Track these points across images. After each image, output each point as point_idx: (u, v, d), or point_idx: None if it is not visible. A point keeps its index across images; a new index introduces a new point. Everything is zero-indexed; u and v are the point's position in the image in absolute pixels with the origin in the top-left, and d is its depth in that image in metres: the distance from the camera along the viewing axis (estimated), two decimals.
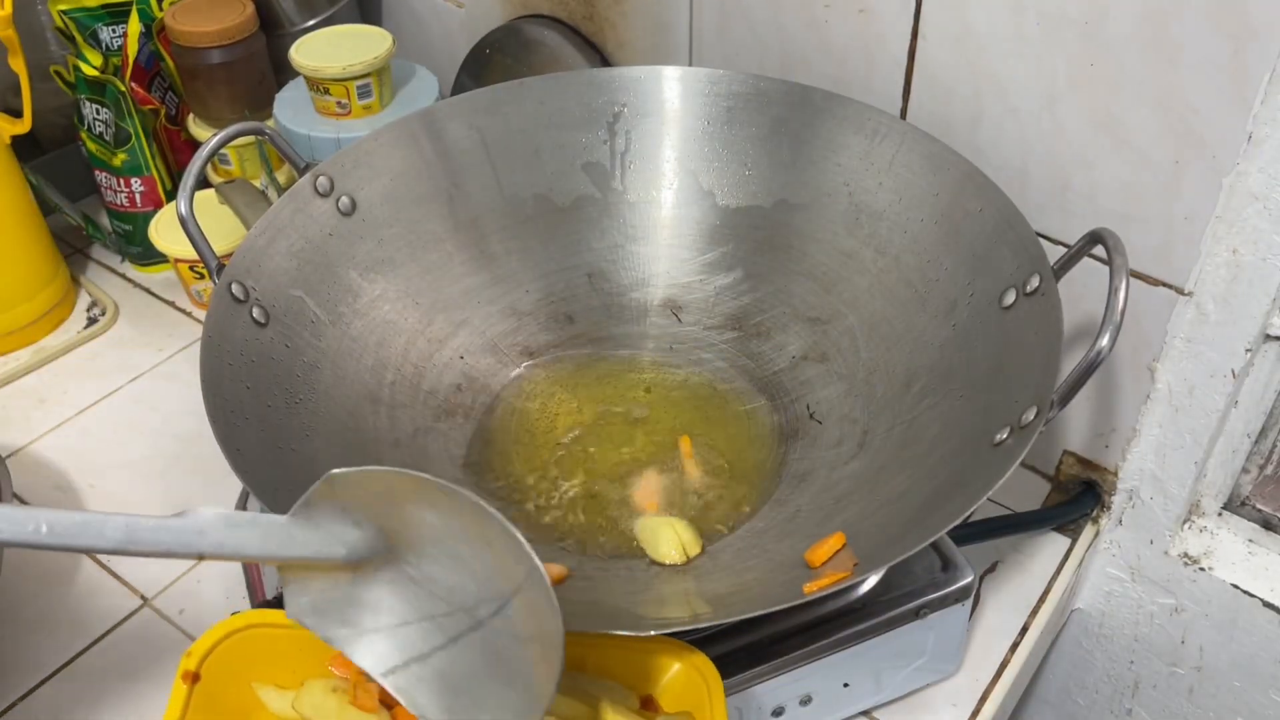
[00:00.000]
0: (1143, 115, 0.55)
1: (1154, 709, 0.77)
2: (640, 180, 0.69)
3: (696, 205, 0.68)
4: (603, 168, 0.69)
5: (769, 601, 0.45)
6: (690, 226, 0.69)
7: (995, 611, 0.65)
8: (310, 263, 0.61)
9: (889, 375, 0.60)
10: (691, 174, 0.68)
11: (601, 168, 0.69)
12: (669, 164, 0.69)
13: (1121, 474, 0.68)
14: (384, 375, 0.62)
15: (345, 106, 0.78)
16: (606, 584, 0.54)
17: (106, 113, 0.84)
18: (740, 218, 0.68)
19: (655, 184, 0.69)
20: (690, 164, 0.68)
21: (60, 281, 0.87)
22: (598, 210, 0.69)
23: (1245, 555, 0.68)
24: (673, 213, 0.69)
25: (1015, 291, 0.54)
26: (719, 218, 0.68)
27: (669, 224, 0.69)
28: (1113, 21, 0.54)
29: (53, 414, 0.79)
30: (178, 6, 0.83)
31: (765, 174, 0.67)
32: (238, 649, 0.46)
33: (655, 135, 0.69)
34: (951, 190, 0.60)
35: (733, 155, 0.68)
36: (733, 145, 0.68)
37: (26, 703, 0.61)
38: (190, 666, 0.44)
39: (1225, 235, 0.57)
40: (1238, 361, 0.60)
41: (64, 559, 0.69)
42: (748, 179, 0.67)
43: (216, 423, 0.49)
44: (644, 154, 0.69)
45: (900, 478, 0.54)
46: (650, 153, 0.69)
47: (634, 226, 0.69)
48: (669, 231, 0.69)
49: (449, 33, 0.89)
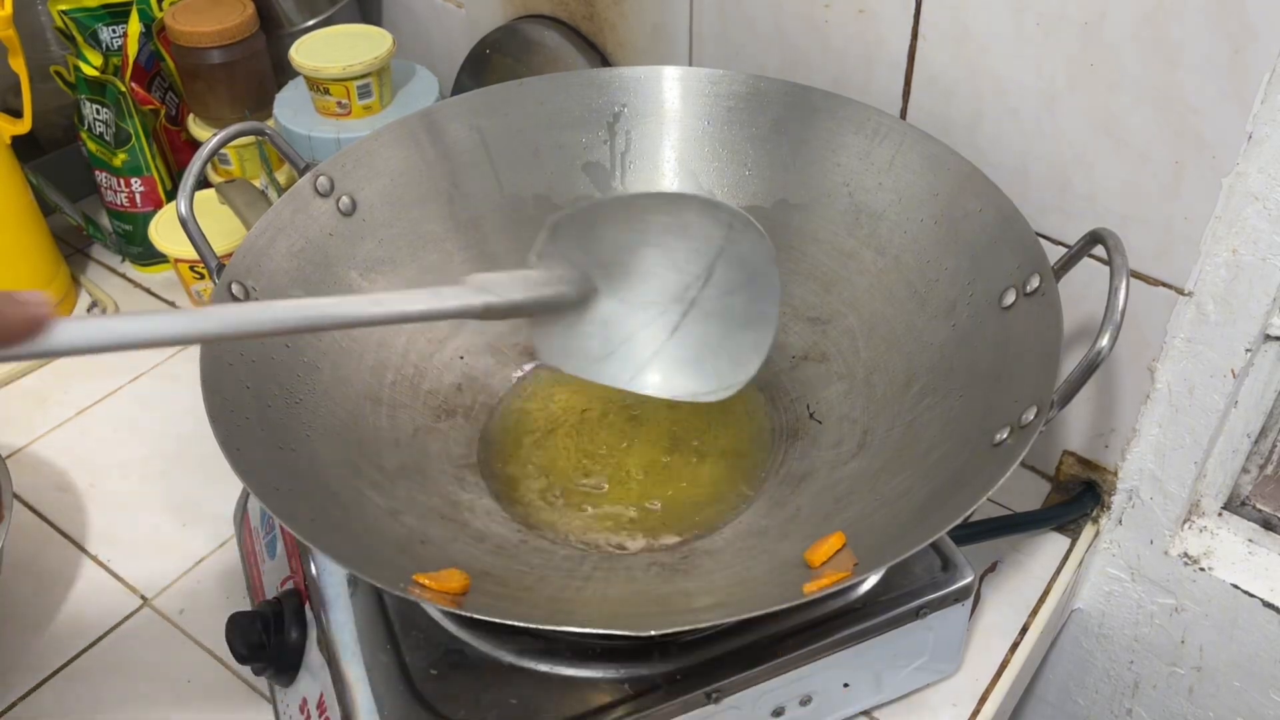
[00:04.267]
0: (1143, 115, 0.55)
1: (1154, 709, 0.77)
2: (640, 180, 0.69)
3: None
4: (603, 168, 0.69)
5: (769, 601, 0.45)
6: None
7: (995, 611, 0.65)
8: (310, 263, 0.61)
9: (889, 375, 0.60)
10: (691, 174, 0.68)
11: (601, 168, 0.69)
12: (669, 164, 0.69)
13: (1121, 474, 0.68)
14: (384, 375, 0.62)
15: (345, 106, 0.78)
16: (606, 583, 0.54)
17: (107, 113, 0.84)
18: None
19: (655, 184, 0.69)
20: (690, 164, 0.68)
21: (60, 281, 0.87)
22: None
23: (1245, 555, 0.68)
24: None
25: (1015, 291, 0.54)
26: None
27: None
28: (1113, 22, 0.54)
29: (53, 414, 0.79)
30: (178, 6, 0.83)
31: (765, 174, 0.67)
32: None
33: (655, 135, 0.69)
34: (951, 190, 0.60)
35: (733, 155, 0.68)
36: (733, 145, 0.68)
37: (26, 703, 0.61)
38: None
39: (1225, 235, 0.57)
40: (1238, 361, 0.60)
41: (63, 559, 0.69)
42: (748, 179, 0.67)
43: (216, 423, 0.49)
44: (644, 154, 0.69)
45: (900, 478, 0.54)
46: (650, 153, 0.69)
47: None
48: None
49: (449, 33, 0.89)
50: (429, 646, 0.52)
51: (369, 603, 0.54)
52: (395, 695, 0.50)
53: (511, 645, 0.52)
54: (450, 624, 0.53)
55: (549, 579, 0.53)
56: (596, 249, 0.45)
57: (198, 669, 0.63)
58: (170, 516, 0.72)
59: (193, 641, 0.64)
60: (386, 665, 0.51)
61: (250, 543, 0.65)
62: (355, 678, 0.51)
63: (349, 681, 0.51)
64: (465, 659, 0.52)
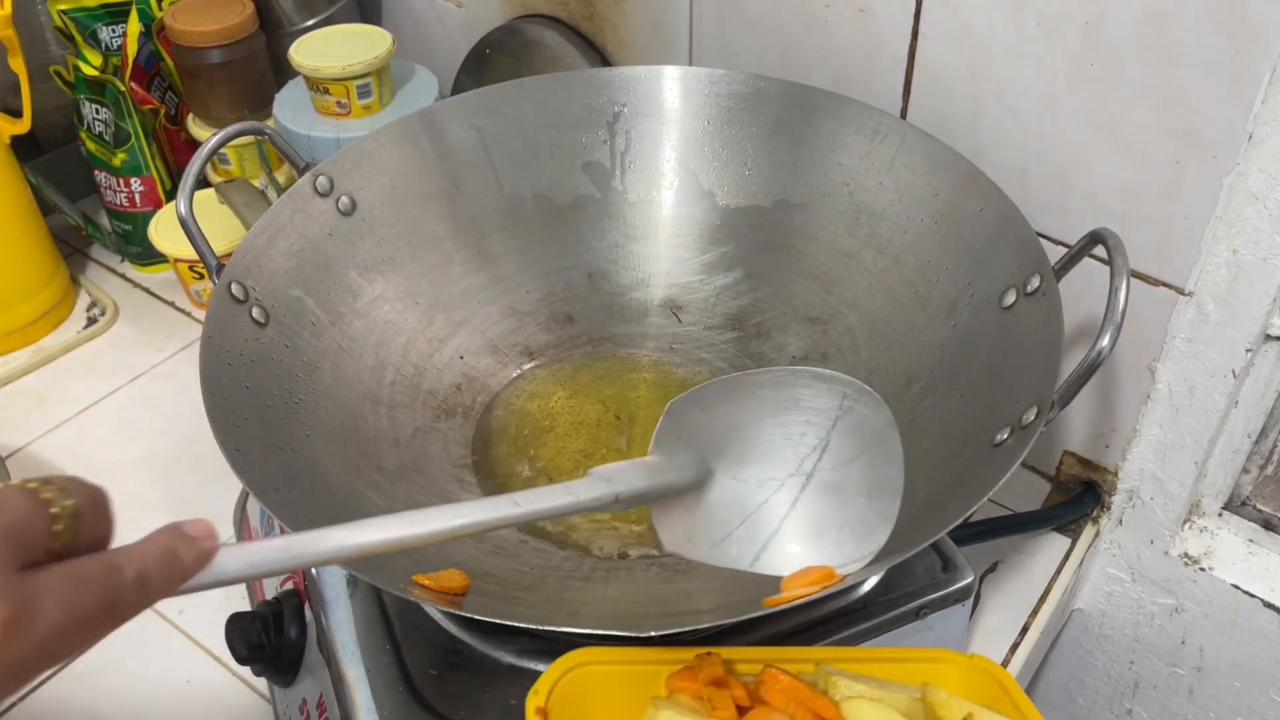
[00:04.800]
0: (1143, 115, 0.55)
1: (1154, 709, 0.77)
2: (640, 180, 0.69)
3: (696, 205, 0.68)
4: (603, 167, 0.69)
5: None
6: (690, 226, 0.69)
7: (995, 612, 0.65)
8: (310, 263, 0.61)
9: (889, 375, 0.60)
10: (691, 174, 0.68)
11: (601, 167, 0.69)
12: (669, 164, 0.69)
13: (1122, 474, 0.68)
14: (384, 375, 0.62)
15: (345, 106, 0.78)
16: (606, 584, 0.54)
17: (106, 112, 0.84)
18: (740, 218, 0.68)
19: (655, 184, 0.69)
20: (690, 164, 0.68)
21: (60, 281, 0.87)
22: (598, 210, 0.69)
23: (1245, 555, 0.68)
24: (673, 213, 0.69)
25: (1016, 291, 0.54)
26: (719, 217, 0.68)
27: (669, 224, 0.69)
28: (1113, 21, 0.54)
29: (52, 414, 0.79)
30: (177, 6, 0.83)
31: (765, 174, 0.67)
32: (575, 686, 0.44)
33: (655, 135, 0.68)
34: (952, 190, 0.60)
35: (733, 155, 0.68)
36: (733, 145, 0.68)
37: (26, 703, 0.61)
38: (540, 703, 0.43)
39: (1226, 235, 0.57)
40: (1238, 361, 0.60)
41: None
42: (748, 179, 0.67)
43: (216, 422, 0.49)
44: (644, 154, 0.69)
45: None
46: (650, 152, 0.69)
47: (634, 226, 0.69)
48: (669, 231, 0.69)
49: (449, 33, 0.89)
50: (429, 647, 0.52)
51: (369, 603, 0.54)
52: (395, 696, 0.50)
53: (511, 645, 0.52)
54: (450, 624, 0.53)
55: (549, 579, 0.53)
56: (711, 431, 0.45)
57: (198, 669, 0.63)
58: (169, 516, 0.70)
59: (193, 642, 0.64)
60: (386, 666, 0.51)
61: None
62: (355, 678, 0.51)
63: (349, 682, 0.51)
64: (465, 659, 0.52)
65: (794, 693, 0.42)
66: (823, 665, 0.45)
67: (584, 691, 0.44)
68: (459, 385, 0.64)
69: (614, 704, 0.45)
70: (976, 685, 0.46)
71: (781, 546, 0.45)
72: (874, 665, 0.46)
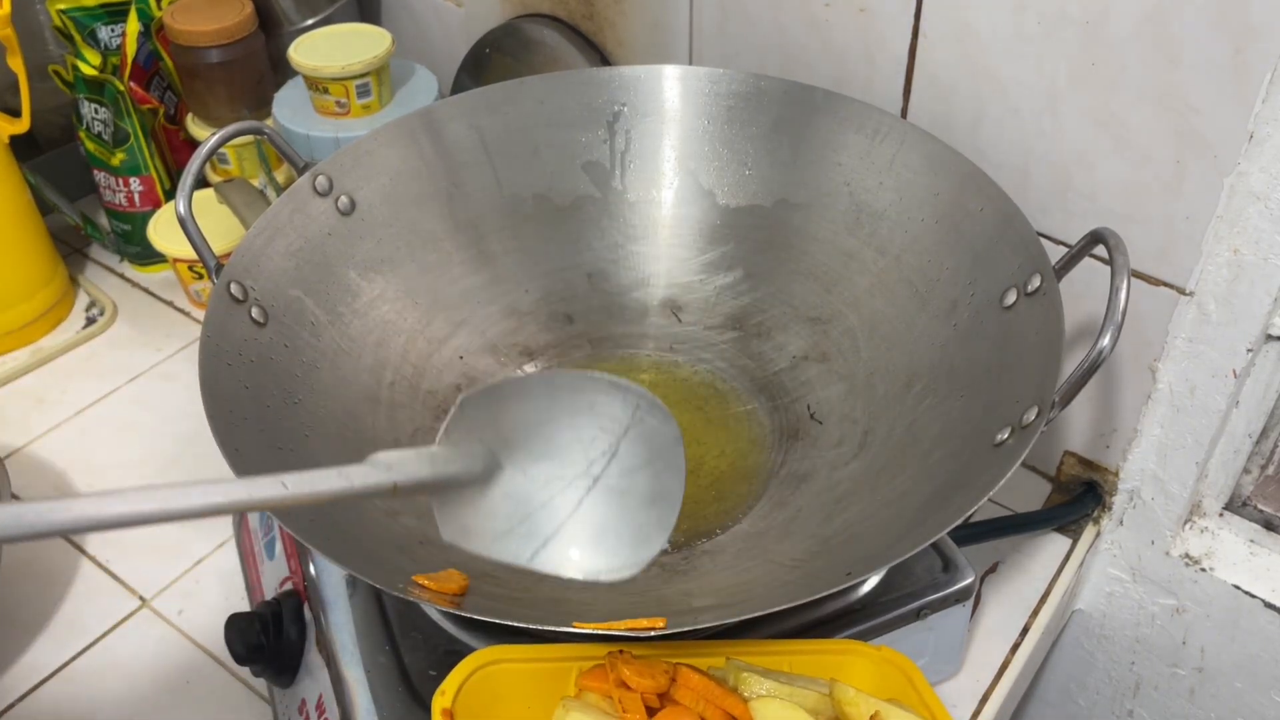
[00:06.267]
0: (1144, 115, 0.55)
1: (1155, 710, 0.77)
2: (640, 180, 0.69)
3: (696, 205, 0.68)
4: (603, 167, 0.69)
5: (769, 601, 0.45)
6: (690, 226, 0.68)
7: (996, 612, 0.65)
8: (309, 262, 0.60)
9: (890, 375, 0.60)
10: (691, 173, 0.68)
11: (601, 167, 0.69)
12: (669, 163, 0.69)
13: (1122, 474, 0.68)
14: (383, 375, 0.62)
15: (344, 106, 0.78)
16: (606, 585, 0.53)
17: (105, 112, 0.84)
18: (740, 217, 0.68)
19: (655, 183, 0.69)
20: (690, 163, 0.68)
21: (59, 281, 0.87)
22: (598, 210, 0.69)
23: (1246, 556, 0.68)
24: (673, 212, 0.69)
25: (1016, 291, 0.54)
26: (719, 217, 0.68)
27: (669, 224, 0.69)
28: (1114, 21, 0.54)
29: (51, 414, 0.79)
30: (176, 6, 0.83)
31: (765, 173, 0.67)
32: (483, 685, 0.45)
33: (655, 134, 0.68)
34: (952, 190, 0.59)
35: (733, 155, 0.68)
36: (733, 144, 0.67)
37: (26, 703, 0.61)
38: (445, 704, 0.43)
39: (1226, 235, 0.57)
40: (1239, 362, 0.60)
41: (62, 560, 0.69)
42: (748, 178, 0.67)
43: (215, 423, 0.49)
44: (644, 153, 0.69)
45: (901, 478, 0.54)
46: (650, 152, 0.69)
47: (634, 226, 0.69)
48: (669, 231, 0.69)
49: (449, 32, 0.89)
50: (428, 647, 0.52)
51: (368, 604, 0.54)
52: (394, 696, 0.50)
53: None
54: (450, 625, 0.53)
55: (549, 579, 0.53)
56: (504, 426, 0.45)
57: (197, 670, 0.63)
58: None
59: (192, 642, 0.64)
60: (385, 666, 0.51)
61: (249, 543, 0.65)
62: (354, 679, 0.51)
63: (348, 682, 0.51)
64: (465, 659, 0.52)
65: (704, 691, 0.43)
66: (734, 660, 0.45)
67: (492, 691, 0.44)
68: (459, 385, 0.64)
69: (522, 703, 0.45)
70: (885, 678, 0.46)
71: (561, 546, 0.45)
72: (785, 659, 0.47)
